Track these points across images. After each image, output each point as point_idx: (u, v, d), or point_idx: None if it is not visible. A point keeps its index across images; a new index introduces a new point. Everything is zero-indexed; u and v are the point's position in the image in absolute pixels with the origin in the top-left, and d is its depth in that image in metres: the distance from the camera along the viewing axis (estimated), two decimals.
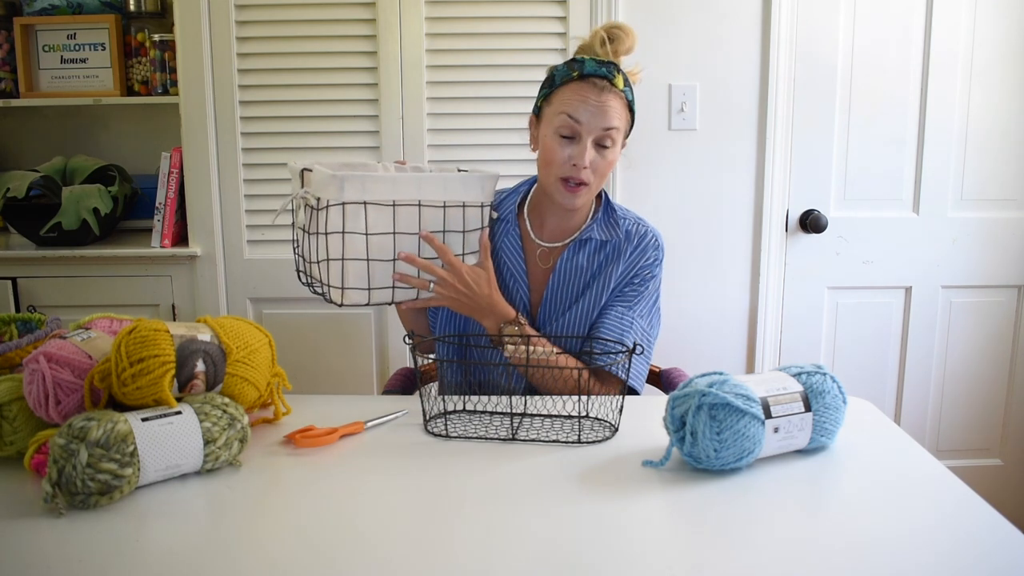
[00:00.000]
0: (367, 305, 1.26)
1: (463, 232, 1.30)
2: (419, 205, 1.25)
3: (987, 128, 2.14)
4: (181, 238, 2.10)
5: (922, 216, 2.17)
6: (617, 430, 1.12)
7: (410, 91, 2.02)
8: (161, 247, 2.05)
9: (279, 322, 2.11)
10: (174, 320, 1.70)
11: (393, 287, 1.27)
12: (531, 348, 1.13)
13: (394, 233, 1.24)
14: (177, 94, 2.03)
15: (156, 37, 2.12)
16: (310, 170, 1.22)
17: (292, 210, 1.27)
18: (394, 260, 1.25)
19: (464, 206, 1.30)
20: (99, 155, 2.28)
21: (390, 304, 1.29)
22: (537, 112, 1.37)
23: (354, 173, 1.22)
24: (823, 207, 2.14)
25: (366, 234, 1.21)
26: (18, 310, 2.06)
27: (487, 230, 1.34)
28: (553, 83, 1.33)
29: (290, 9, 2.00)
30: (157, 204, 2.06)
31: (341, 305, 1.24)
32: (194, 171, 2.04)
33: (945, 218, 2.17)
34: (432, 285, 1.29)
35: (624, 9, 2.01)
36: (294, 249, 1.30)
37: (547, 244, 1.42)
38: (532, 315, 1.41)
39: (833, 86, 2.10)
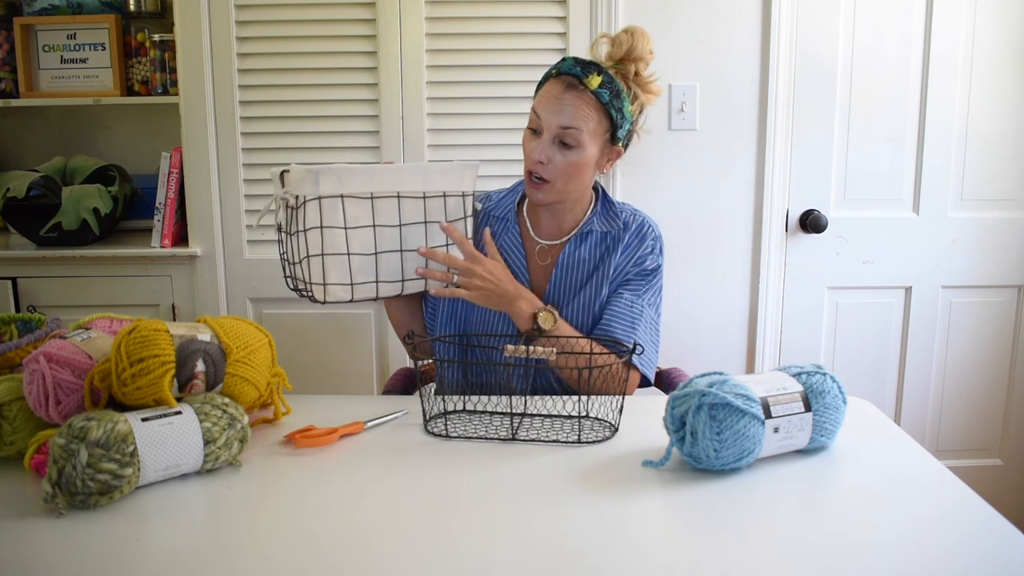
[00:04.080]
0: (350, 301, 1.24)
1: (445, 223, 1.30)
2: (398, 197, 1.24)
3: (987, 128, 2.14)
4: (181, 238, 2.10)
5: (922, 216, 2.17)
6: (617, 430, 1.12)
7: (410, 91, 2.02)
8: (161, 247, 2.05)
9: (279, 322, 2.10)
10: (174, 320, 1.70)
11: (377, 282, 1.25)
12: (533, 349, 1.13)
13: (374, 226, 1.23)
14: (177, 94, 2.03)
15: (156, 37, 2.12)
16: (289, 171, 1.21)
17: (275, 211, 1.25)
18: (375, 254, 1.24)
19: (445, 196, 1.29)
20: (99, 155, 2.28)
21: (375, 299, 1.28)
22: None
23: (329, 166, 1.21)
24: (823, 207, 2.14)
25: (345, 228, 1.20)
26: (18, 310, 2.06)
27: (471, 220, 1.33)
28: (542, 81, 1.37)
29: (290, 9, 2.00)
30: (157, 204, 2.06)
31: (324, 302, 1.22)
32: (194, 171, 2.04)
33: (945, 218, 2.17)
34: (456, 278, 1.27)
35: (624, 9, 2.01)
36: (280, 255, 1.29)
37: (545, 241, 1.43)
38: None
39: (833, 86, 2.10)
